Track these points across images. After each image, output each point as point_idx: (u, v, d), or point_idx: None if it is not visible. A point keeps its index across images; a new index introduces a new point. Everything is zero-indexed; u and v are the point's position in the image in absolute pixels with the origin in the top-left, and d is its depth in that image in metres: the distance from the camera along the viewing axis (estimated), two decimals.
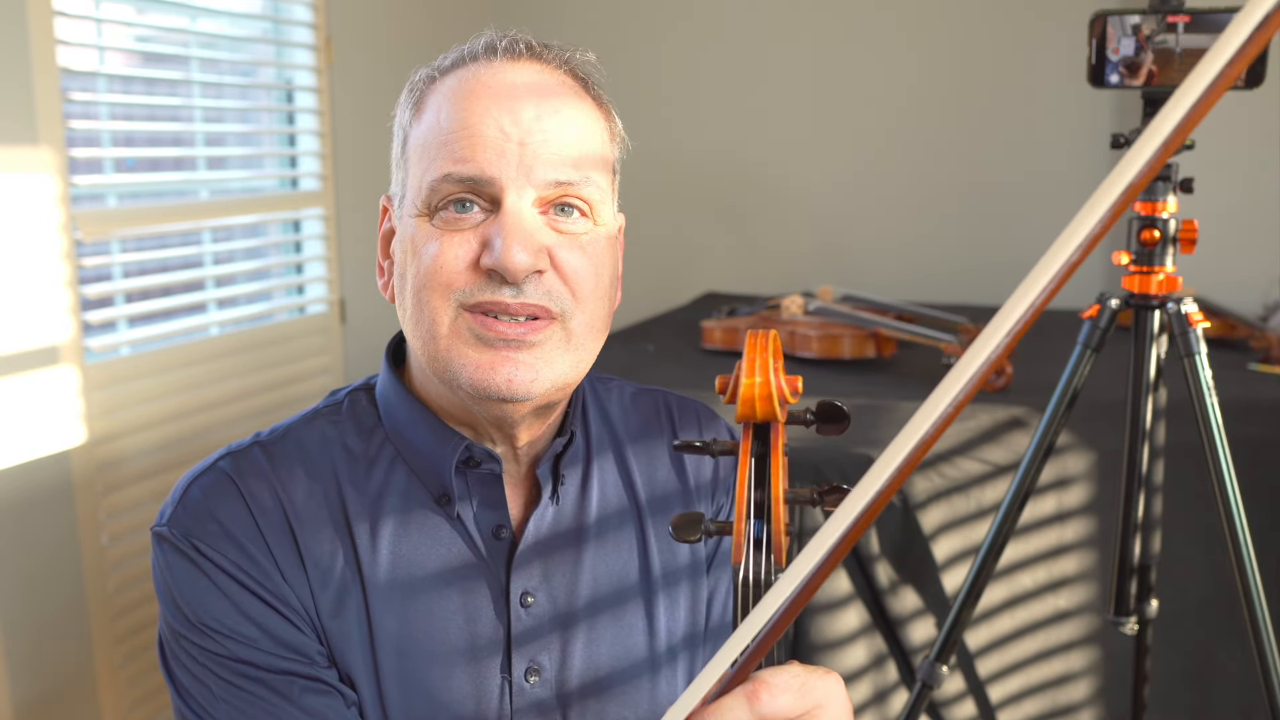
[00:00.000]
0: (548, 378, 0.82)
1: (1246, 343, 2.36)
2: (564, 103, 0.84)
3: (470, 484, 0.87)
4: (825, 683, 0.62)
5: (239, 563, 0.82)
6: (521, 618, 0.87)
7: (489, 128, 0.80)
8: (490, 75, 0.83)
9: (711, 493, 0.99)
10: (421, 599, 0.86)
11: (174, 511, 0.85)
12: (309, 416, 0.91)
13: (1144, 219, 1.42)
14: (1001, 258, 3.26)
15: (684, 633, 0.95)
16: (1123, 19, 1.37)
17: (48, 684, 1.98)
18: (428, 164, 0.82)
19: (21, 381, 1.89)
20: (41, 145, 1.90)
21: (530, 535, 0.88)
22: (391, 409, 0.90)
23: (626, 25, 3.50)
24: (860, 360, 2.22)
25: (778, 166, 3.45)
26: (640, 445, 0.97)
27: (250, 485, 0.85)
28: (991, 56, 3.21)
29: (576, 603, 0.90)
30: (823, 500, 0.64)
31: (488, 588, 0.87)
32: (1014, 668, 1.77)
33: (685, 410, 1.01)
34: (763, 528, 0.63)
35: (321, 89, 2.65)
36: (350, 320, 2.78)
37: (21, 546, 1.92)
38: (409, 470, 0.88)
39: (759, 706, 0.58)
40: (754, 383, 0.65)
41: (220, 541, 0.83)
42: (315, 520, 0.85)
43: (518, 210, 0.80)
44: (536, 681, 0.87)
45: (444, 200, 0.81)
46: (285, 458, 0.87)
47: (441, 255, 0.81)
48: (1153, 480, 1.53)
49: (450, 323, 0.81)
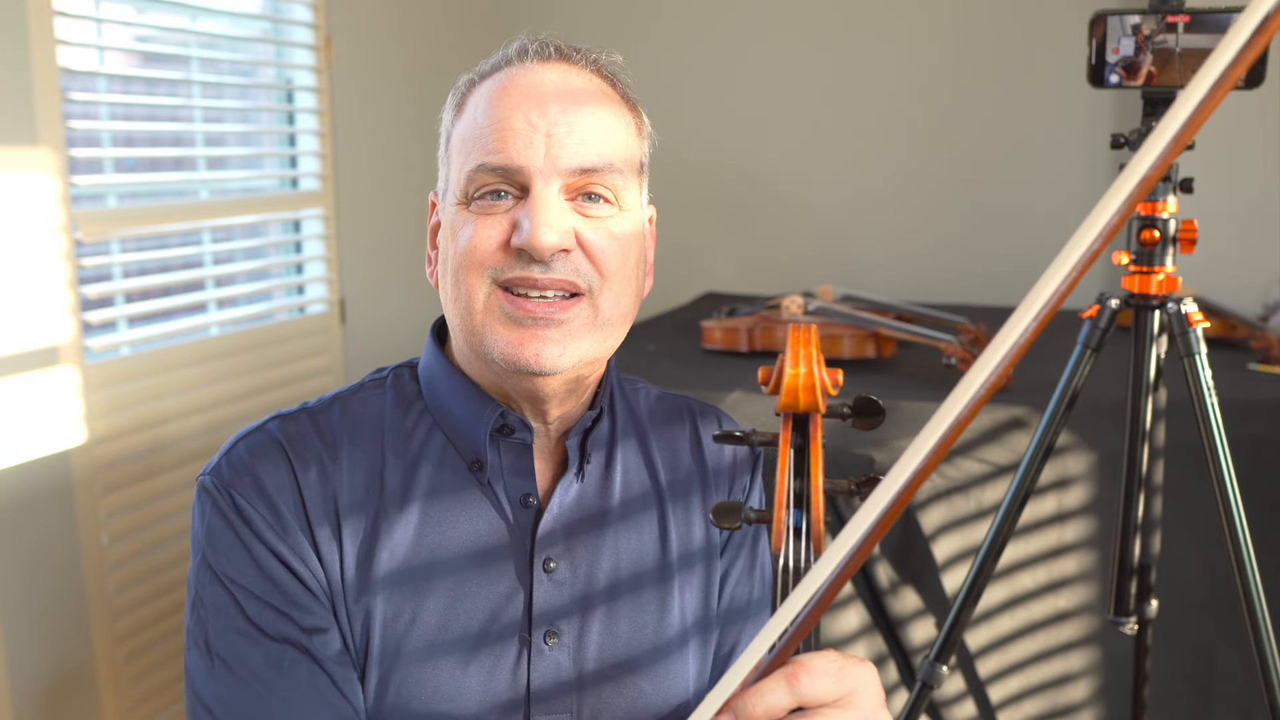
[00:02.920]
0: (575, 353, 0.87)
1: (1246, 343, 2.36)
2: (588, 98, 0.90)
3: (502, 452, 0.93)
4: (860, 669, 0.65)
5: (270, 521, 0.87)
6: (543, 582, 0.92)
7: (518, 122, 0.87)
8: (522, 76, 0.90)
9: (731, 477, 1.04)
10: (449, 559, 0.90)
11: (218, 463, 0.90)
12: (355, 388, 0.97)
13: (1144, 219, 1.42)
14: (1001, 258, 3.26)
15: (696, 616, 0.99)
16: (1123, 19, 1.37)
17: (48, 683, 1.98)
18: (465, 157, 0.89)
19: (21, 381, 1.89)
20: (41, 145, 1.90)
21: (555, 506, 0.93)
22: (433, 380, 0.96)
23: (626, 26, 3.50)
24: (860, 360, 2.22)
25: (778, 167, 3.45)
26: (663, 435, 1.03)
27: (296, 448, 0.90)
28: (991, 57, 3.21)
29: (597, 578, 0.94)
30: (860, 491, 0.66)
31: (513, 551, 0.92)
32: (1014, 668, 1.77)
33: (707, 414, 1.07)
34: (802, 517, 0.65)
35: (321, 89, 2.65)
36: (350, 320, 2.78)
37: (21, 546, 1.92)
38: (445, 438, 0.93)
39: (798, 689, 0.62)
40: (798, 373, 0.67)
41: (255, 498, 0.88)
42: (353, 487, 0.90)
43: (545, 195, 0.86)
44: (555, 644, 0.91)
45: (480, 190, 0.88)
46: (330, 425, 0.93)
47: (476, 236, 0.87)
48: (1153, 480, 1.53)
49: (484, 299, 0.87)
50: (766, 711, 0.62)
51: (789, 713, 0.62)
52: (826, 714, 0.63)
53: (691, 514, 1.00)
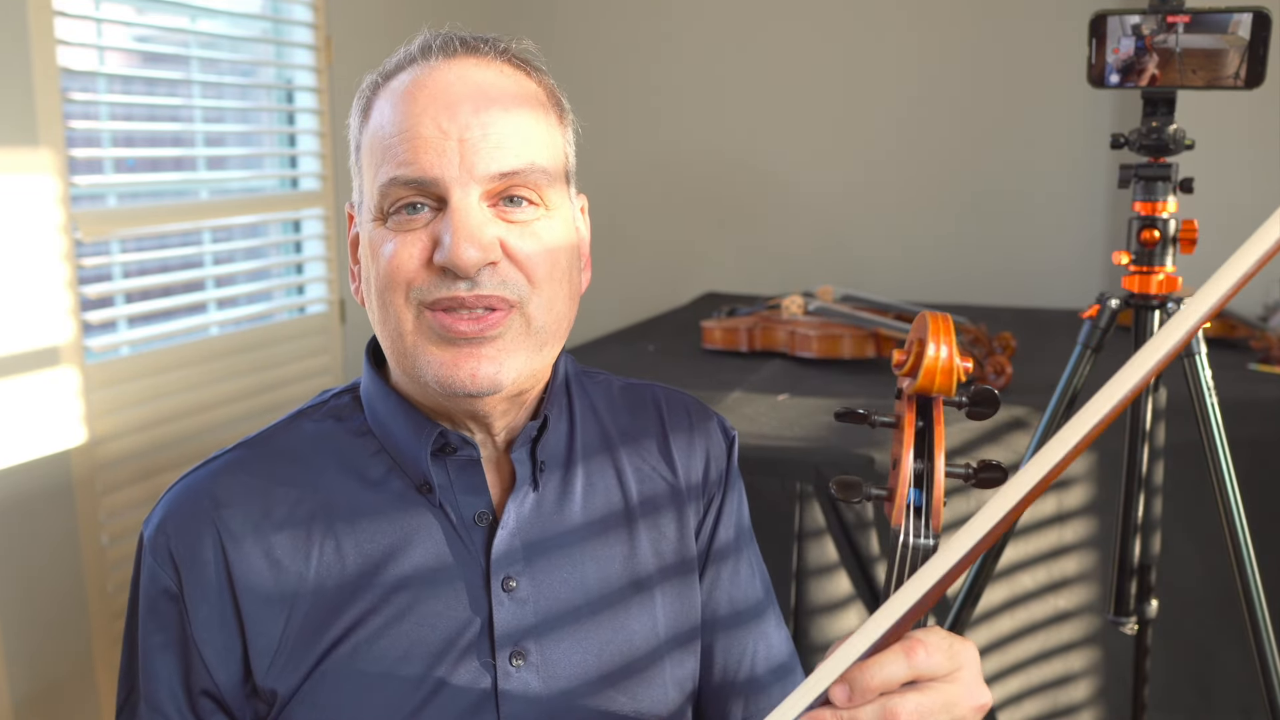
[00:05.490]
0: (512, 368, 0.83)
1: (1246, 343, 2.36)
2: (501, 94, 0.84)
3: (450, 471, 0.89)
4: (967, 647, 0.68)
5: (190, 608, 0.86)
6: (504, 602, 0.87)
7: (428, 129, 0.82)
8: (427, 76, 0.84)
9: (701, 493, 0.99)
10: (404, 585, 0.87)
11: (151, 518, 0.89)
12: (293, 417, 0.94)
13: (1144, 219, 1.42)
14: (1001, 258, 3.26)
15: (669, 633, 0.94)
16: (1123, 19, 1.37)
17: (47, 684, 1.98)
18: (375, 169, 0.84)
19: (21, 381, 1.89)
20: (41, 145, 1.90)
21: (511, 520, 0.89)
22: (373, 403, 0.91)
23: (626, 26, 3.50)
24: (860, 360, 2.22)
25: (778, 167, 3.45)
26: (630, 443, 0.97)
27: (225, 500, 0.87)
28: (991, 57, 3.22)
29: (563, 594, 0.90)
30: (976, 476, 0.70)
31: (468, 572, 0.88)
32: (1014, 668, 1.77)
33: (674, 403, 1.01)
34: (921, 496, 0.69)
35: (321, 89, 2.65)
36: (350, 320, 2.78)
37: (21, 546, 1.92)
38: (390, 461, 0.89)
39: (916, 662, 0.64)
40: (939, 356, 0.70)
41: (167, 564, 0.86)
42: (294, 527, 0.87)
43: (464, 206, 0.81)
44: (522, 665, 0.87)
45: (394, 204, 0.83)
46: (268, 460, 0.89)
47: (396, 256, 0.82)
48: (1153, 480, 1.53)
49: (413, 321, 0.83)
50: (884, 683, 0.64)
51: (901, 685, 0.65)
52: (938, 687, 0.66)
53: (661, 519, 0.96)
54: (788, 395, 1.96)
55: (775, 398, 1.95)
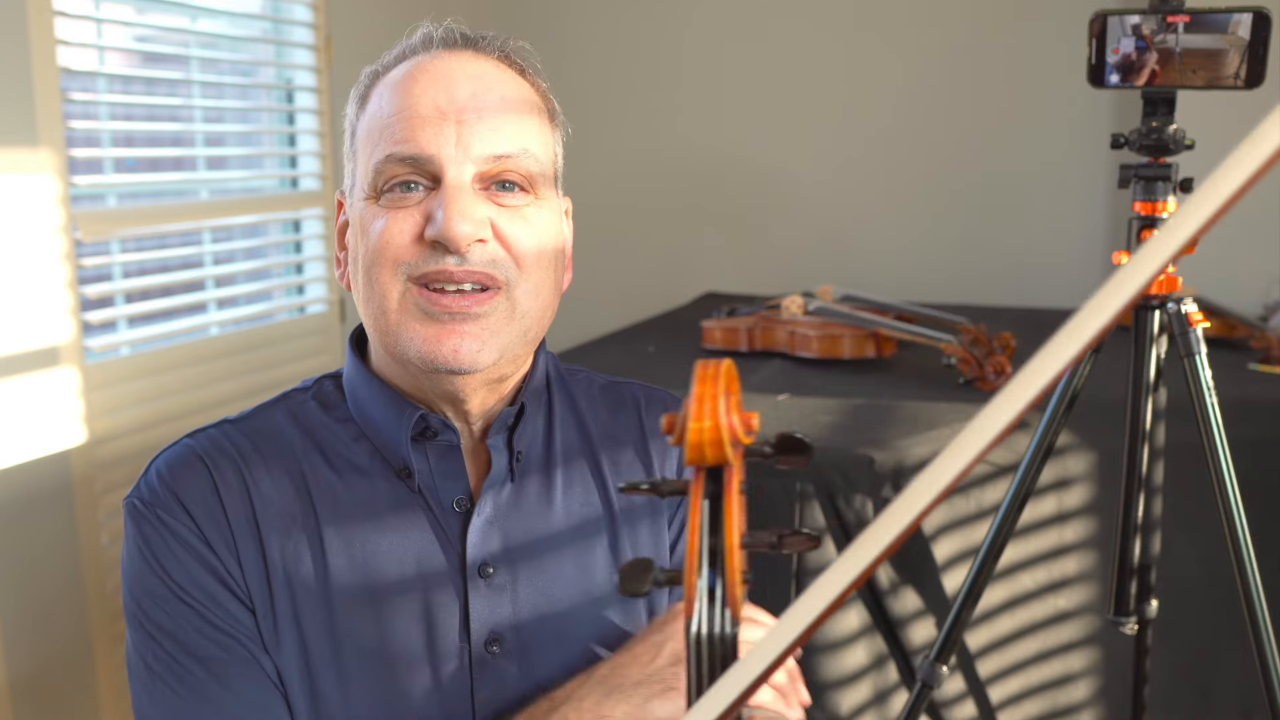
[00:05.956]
0: (494, 348, 0.85)
1: (1246, 343, 2.36)
2: (498, 82, 0.87)
3: (430, 457, 0.89)
4: None
5: (199, 536, 0.85)
6: (480, 589, 0.88)
7: (427, 109, 0.84)
8: (428, 62, 0.87)
9: None
10: (380, 570, 0.87)
11: (139, 485, 0.89)
12: (275, 400, 0.95)
13: (1144, 219, 1.42)
14: (1001, 258, 3.26)
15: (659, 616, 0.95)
16: (1123, 19, 1.37)
17: (47, 683, 1.98)
18: (372, 149, 0.86)
19: (21, 381, 1.89)
20: (41, 145, 1.90)
21: (487, 508, 0.89)
22: (355, 389, 0.92)
23: (626, 26, 3.49)
24: (860, 360, 2.22)
25: (777, 166, 3.45)
26: (610, 444, 0.98)
27: (215, 460, 0.88)
28: (991, 56, 3.21)
29: (543, 589, 0.90)
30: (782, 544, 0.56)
31: (446, 558, 0.88)
32: (1014, 668, 1.76)
33: (653, 402, 1.02)
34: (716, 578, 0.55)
35: (321, 89, 2.65)
36: (350, 320, 2.78)
37: (21, 546, 1.92)
38: (371, 447, 0.90)
39: None
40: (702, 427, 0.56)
41: (178, 512, 0.85)
42: (276, 500, 0.87)
43: (458, 184, 0.83)
44: (499, 652, 0.88)
45: (389, 182, 0.85)
46: (250, 438, 0.90)
47: (388, 231, 0.84)
48: (1153, 480, 1.53)
49: (399, 297, 0.84)
50: None
51: None
52: None
53: (639, 523, 0.97)
54: (788, 395, 1.96)
55: (775, 398, 1.95)
